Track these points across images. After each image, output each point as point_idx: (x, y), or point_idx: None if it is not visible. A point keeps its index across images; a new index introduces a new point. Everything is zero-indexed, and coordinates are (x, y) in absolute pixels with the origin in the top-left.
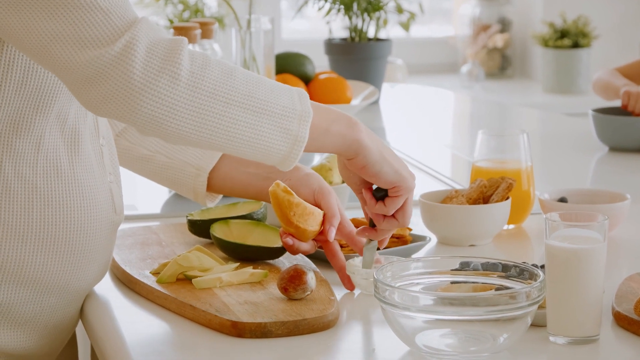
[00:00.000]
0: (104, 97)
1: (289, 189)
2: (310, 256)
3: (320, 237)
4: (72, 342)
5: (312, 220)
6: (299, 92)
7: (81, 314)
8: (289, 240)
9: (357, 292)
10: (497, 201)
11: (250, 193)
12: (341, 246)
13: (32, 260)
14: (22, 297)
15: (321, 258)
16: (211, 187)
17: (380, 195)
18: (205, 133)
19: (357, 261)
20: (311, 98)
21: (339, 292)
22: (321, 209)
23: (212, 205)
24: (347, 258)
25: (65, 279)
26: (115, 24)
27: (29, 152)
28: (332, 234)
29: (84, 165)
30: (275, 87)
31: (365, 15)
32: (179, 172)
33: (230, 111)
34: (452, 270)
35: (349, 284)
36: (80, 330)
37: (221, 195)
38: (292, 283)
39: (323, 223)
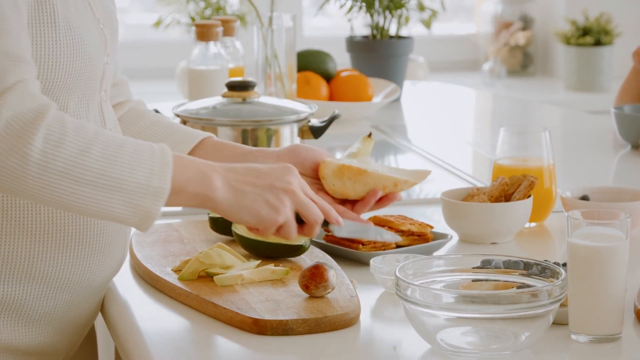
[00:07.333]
0: None
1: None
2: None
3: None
4: (92, 337)
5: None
6: (162, 162)
7: (102, 310)
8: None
9: (378, 289)
10: (518, 199)
11: None
12: (360, 243)
13: (42, 256)
14: (34, 293)
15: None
16: None
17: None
18: (56, 205)
19: (378, 261)
20: (333, 95)
21: (360, 290)
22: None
23: None
24: (370, 257)
25: (78, 275)
26: None
27: None
28: None
29: None
30: (134, 162)
31: (387, 12)
32: None
33: (80, 189)
34: (473, 268)
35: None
36: (103, 327)
37: None
38: (313, 280)
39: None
